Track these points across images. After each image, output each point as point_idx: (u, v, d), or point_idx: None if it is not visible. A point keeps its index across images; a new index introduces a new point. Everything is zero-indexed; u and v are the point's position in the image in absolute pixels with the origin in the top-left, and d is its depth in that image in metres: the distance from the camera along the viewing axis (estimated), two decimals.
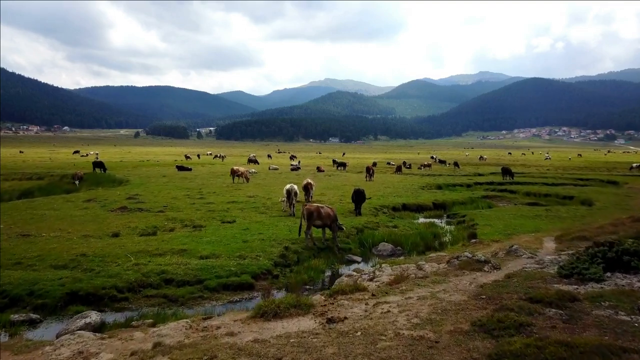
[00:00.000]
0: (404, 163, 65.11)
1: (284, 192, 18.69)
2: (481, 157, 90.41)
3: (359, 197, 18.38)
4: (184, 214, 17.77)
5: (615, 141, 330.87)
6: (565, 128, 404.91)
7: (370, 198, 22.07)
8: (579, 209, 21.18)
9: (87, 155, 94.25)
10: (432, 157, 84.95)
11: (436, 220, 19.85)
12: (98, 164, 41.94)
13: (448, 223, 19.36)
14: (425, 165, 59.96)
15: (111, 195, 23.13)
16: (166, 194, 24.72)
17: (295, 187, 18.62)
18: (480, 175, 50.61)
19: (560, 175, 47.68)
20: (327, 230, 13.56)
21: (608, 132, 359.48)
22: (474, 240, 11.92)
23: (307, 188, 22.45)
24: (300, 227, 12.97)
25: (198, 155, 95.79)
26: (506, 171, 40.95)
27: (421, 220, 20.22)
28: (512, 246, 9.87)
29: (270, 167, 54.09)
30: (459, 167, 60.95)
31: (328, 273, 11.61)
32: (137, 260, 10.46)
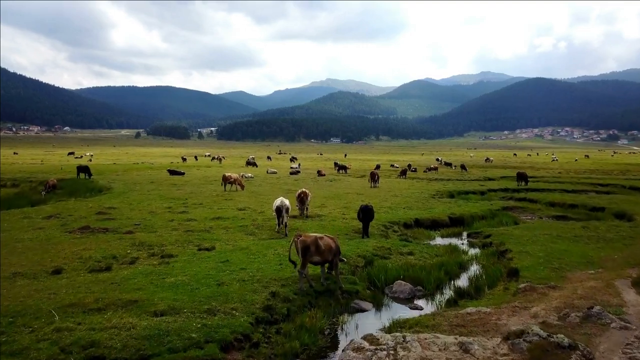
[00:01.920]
0: (409, 166, 62.12)
1: (273, 207, 15.77)
2: (487, 159, 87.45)
3: (367, 216, 15.41)
4: (156, 236, 14.82)
5: (619, 141, 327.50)
6: (567, 128, 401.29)
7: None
8: (621, 225, 18.18)
9: (81, 157, 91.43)
10: (437, 160, 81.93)
11: (456, 242, 16.88)
12: (83, 169, 39.05)
13: (471, 245, 16.38)
14: (431, 169, 56.99)
15: (80, 209, 20.20)
16: (146, 206, 21.80)
17: (287, 202, 15.68)
18: (490, 179, 47.77)
19: (576, 180, 44.67)
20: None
21: (611, 132, 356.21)
22: (522, 286, 8.94)
23: (301, 198, 19.57)
24: (289, 255, 9.95)
25: (195, 157, 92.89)
26: (522, 176, 37.95)
27: (438, 240, 17.25)
28: (592, 308, 6.93)
29: (269, 171, 51.20)
30: (466, 170, 58.05)
31: (328, 330, 8.67)
32: (62, 321, 7.52)
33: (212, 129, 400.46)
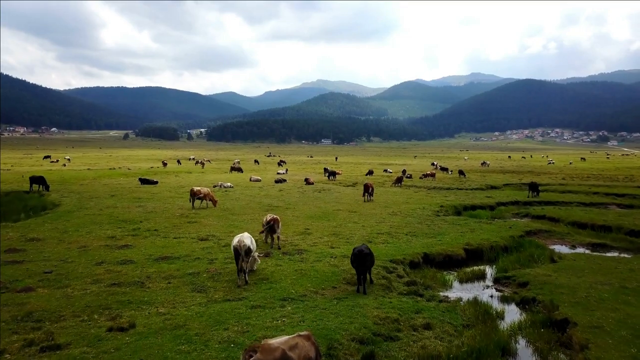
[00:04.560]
0: (404, 172, 58.06)
1: (232, 247, 11.49)
2: (484, 163, 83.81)
3: (363, 264, 10.99)
4: (62, 295, 10.34)
5: (608, 142, 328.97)
6: (558, 129, 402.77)
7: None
8: None
9: (57, 161, 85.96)
10: (432, 164, 78.05)
11: (483, 293, 12.56)
12: (37, 180, 34.15)
13: (504, 299, 12.06)
14: (427, 175, 52.85)
15: None
16: (83, 235, 17.24)
17: (248, 240, 11.35)
18: (493, 188, 43.99)
19: (587, 189, 41.02)
20: None
21: (600, 133, 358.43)
22: None
23: (271, 227, 15.44)
24: None
25: (178, 161, 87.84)
26: (533, 187, 33.98)
27: (457, 289, 12.95)
28: None
29: (252, 179, 46.71)
30: (464, 176, 54.22)
31: None
32: None
33: (202, 130, 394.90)
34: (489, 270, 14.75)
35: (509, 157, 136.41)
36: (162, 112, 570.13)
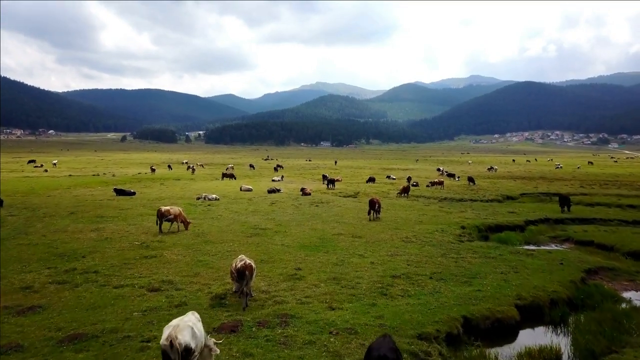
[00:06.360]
0: (409, 179, 53.52)
1: (163, 340, 6.72)
2: (490, 168, 79.29)
3: None
4: None
5: (609, 145, 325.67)
6: (558, 132, 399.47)
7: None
8: None
9: (41, 165, 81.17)
10: (438, 170, 73.35)
11: None
12: None
13: None
14: (435, 183, 48.07)
15: None
16: None
17: (187, 333, 6.44)
18: (510, 198, 39.71)
19: (617, 201, 36.96)
20: None
21: (601, 135, 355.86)
22: None
23: (241, 275, 10.87)
24: None
25: (169, 166, 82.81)
26: (564, 201, 29.34)
27: None
28: None
29: (242, 188, 42.03)
30: (474, 184, 49.64)
31: None
32: None
33: (201, 132, 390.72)
34: (565, 349, 10.02)
35: (513, 160, 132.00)
36: (161, 114, 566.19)
